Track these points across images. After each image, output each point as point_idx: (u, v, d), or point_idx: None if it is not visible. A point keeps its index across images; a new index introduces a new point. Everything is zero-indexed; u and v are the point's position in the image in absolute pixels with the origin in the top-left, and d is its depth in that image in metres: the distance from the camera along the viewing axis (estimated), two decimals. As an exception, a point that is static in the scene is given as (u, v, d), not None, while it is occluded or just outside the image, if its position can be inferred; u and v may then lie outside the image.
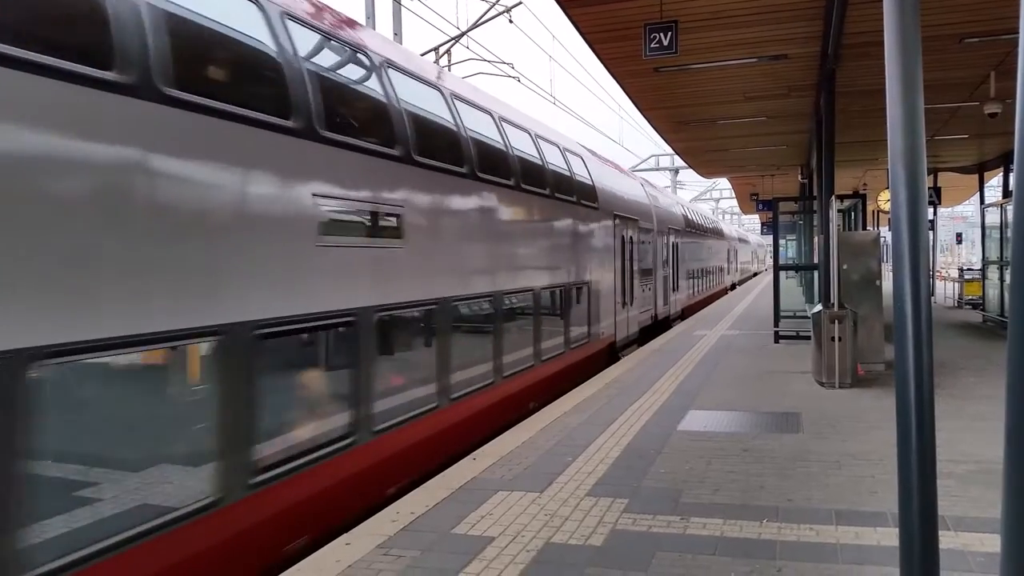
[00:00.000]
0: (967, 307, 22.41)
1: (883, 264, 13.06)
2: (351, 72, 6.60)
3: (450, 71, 13.13)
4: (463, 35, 14.54)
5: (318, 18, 6.14)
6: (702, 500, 5.56)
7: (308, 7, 6.05)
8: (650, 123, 16.31)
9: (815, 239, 14.45)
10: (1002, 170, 21.52)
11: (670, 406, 8.97)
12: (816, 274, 13.56)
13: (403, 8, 13.54)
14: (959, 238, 47.40)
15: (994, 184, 25.12)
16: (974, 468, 6.15)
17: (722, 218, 56.96)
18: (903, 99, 2.33)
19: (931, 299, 2.93)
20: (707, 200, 58.42)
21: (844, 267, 11.07)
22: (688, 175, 52.87)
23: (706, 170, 27.27)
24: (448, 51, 14.71)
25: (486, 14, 14.47)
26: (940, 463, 2.43)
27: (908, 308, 2.32)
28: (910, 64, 2.33)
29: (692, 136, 18.13)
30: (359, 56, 6.64)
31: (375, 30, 7.29)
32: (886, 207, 22.07)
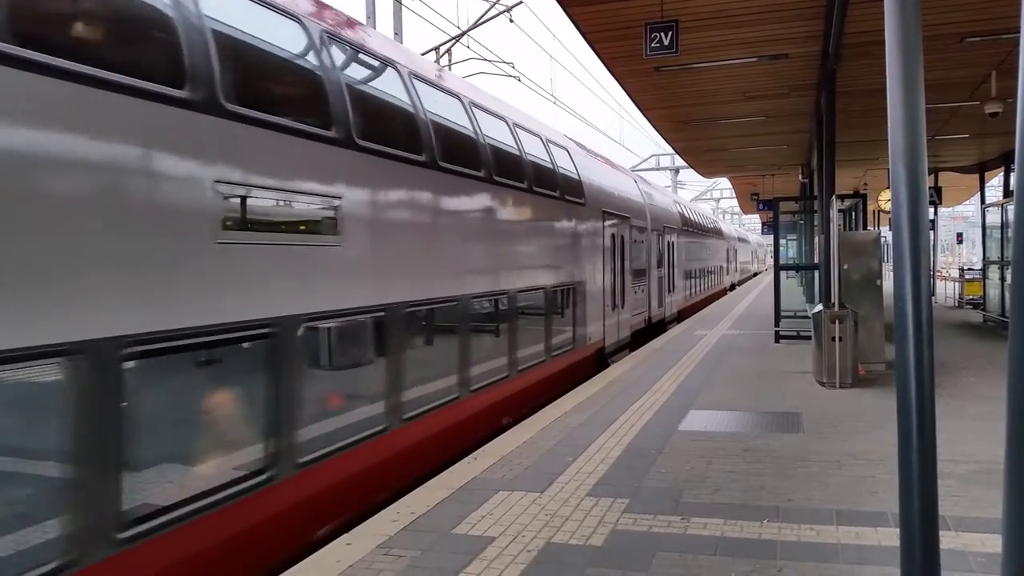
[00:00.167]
0: (968, 307, 22.40)
1: (884, 264, 13.07)
2: (268, 33, 5.55)
3: (451, 70, 13.12)
4: (463, 34, 14.54)
5: None
6: (703, 500, 5.55)
7: None
8: (651, 123, 16.31)
9: (816, 239, 14.44)
10: (1003, 170, 21.52)
11: (671, 406, 8.97)
12: (817, 274, 13.55)
13: (403, 8, 13.54)
14: (960, 238, 47.41)
15: (995, 184, 25.12)
16: (975, 468, 6.15)
17: (722, 218, 56.94)
18: (904, 98, 2.32)
19: (932, 299, 2.92)
20: (707, 200, 58.46)
21: (845, 267, 11.07)
22: (689, 175, 52.89)
23: (707, 170, 27.27)
24: (449, 51, 14.71)
25: (487, 13, 14.47)
26: (941, 463, 2.43)
27: (909, 308, 2.32)
28: (911, 63, 2.33)
29: (692, 135, 18.13)
30: (282, 17, 5.63)
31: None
32: (887, 207, 21.98)
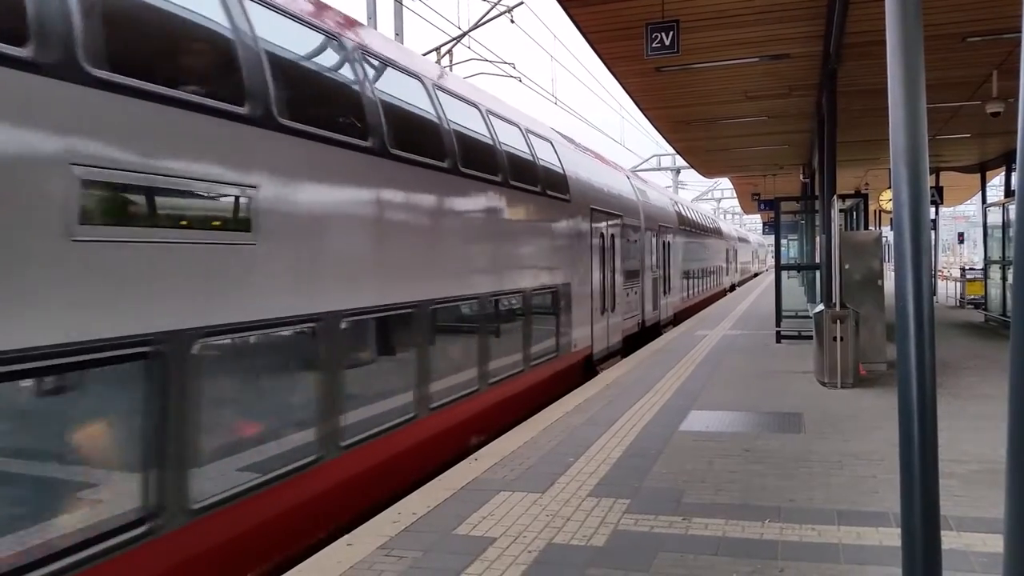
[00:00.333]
0: (969, 307, 22.39)
1: (885, 264, 13.07)
2: None
3: (452, 70, 13.14)
4: (464, 35, 14.55)
5: None
6: (704, 500, 5.55)
7: None
8: (651, 123, 16.31)
9: (817, 239, 14.44)
10: (1004, 169, 21.51)
11: (672, 406, 8.96)
12: (818, 274, 13.56)
13: (404, 8, 13.55)
14: (961, 238, 47.44)
15: (996, 183, 25.11)
16: (976, 468, 6.14)
17: (723, 218, 56.89)
18: (905, 98, 2.32)
19: (933, 299, 2.92)
20: (709, 200, 58.46)
21: (846, 267, 11.07)
22: (690, 175, 52.99)
23: (707, 170, 27.26)
24: (450, 51, 14.72)
25: (487, 14, 14.48)
26: (942, 463, 2.42)
27: (910, 308, 2.32)
28: (912, 63, 2.33)
29: (693, 136, 18.13)
30: None
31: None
32: (888, 207, 22.04)
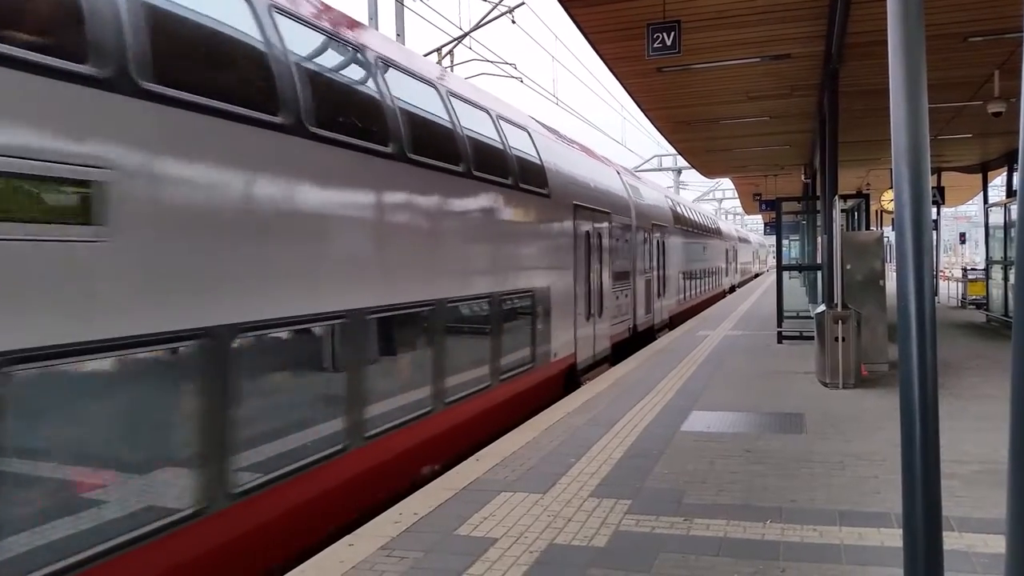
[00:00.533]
0: (971, 307, 22.38)
1: (886, 264, 13.07)
2: None
3: (453, 71, 13.14)
4: (466, 35, 14.55)
5: None
6: (705, 501, 5.55)
7: None
8: (652, 123, 16.31)
9: (818, 239, 14.43)
10: (1006, 169, 21.50)
11: (673, 407, 8.96)
12: (819, 274, 13.55)
13: (405, 9, 13.57)
14: (963, 238, 47.45)
15: (998, 184, 25.09)
16: (978, 468, 6.13)
17: (725, 218, 56.82)
18: (907, 98, 2.32)
19: (935, 299, 2.92)
20: (710, 200, 58.44)
21: (847, 267, 11.07)
22: (691, 175, 52.98)
23: (709, 170, 27.25)
24: (451, 52, 14.73)
25: (488, 14, 14.49)
26: (944, 463, 2.42)
27: (912, 308, 2.32)
28: (914, 63, 2.33)
29: (695, 136, 18.12)
30: None
31: None
32: (889, 207, 22.03)
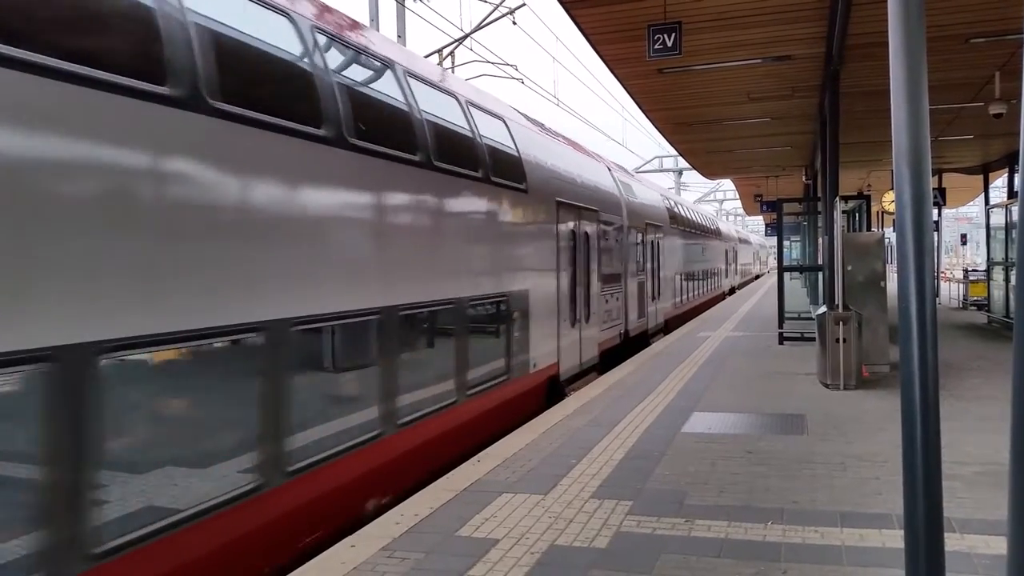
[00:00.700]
0: (972, 308, 22.37)
1: (887, 265, 13.07)
2: None
3: (454, 72, 13.14)
4: (467, 36, 14.56)
5: None
6: (707, 502, 5.55)
7: None
8: (653, 124, 16.31)
9: (819, 240, 14.43)
10: (1007, 171, 21.49)
11: (674, 408, 8.96)
12: (820, 275, 13.55)
13: (407, 10, 13.58)
14: (964, 239, 47.42)
15: (999, 185, 25.07)
16: (979, 469, 6.13)
17: (726, 219, 56.72)
18: (908, 100, 2.32)
19: (936, 300, 2.91)
20: (711, 201, 58.43)
21: (848, 268, 11.07)
22: (692, 176, 52.91)
23: (710, 171, 27.26)
24: (452, 53, 14.73)
25: (489, 16, 14.50)
26: (945, 464, 2.42)
27: (913, 309, 2.32)
28: (915, 65, 2.33)
29: (696, 137, 18.13)
30: None
31: None
32: (890, 208, 22.01)
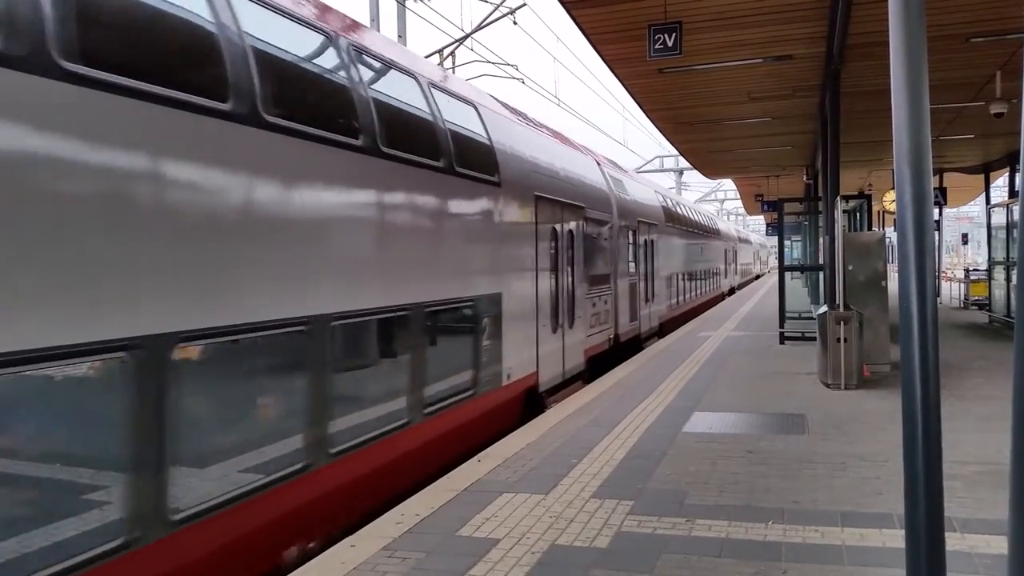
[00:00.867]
0: (973, 308, 22.35)
1: (888, 265, 13.06)
2: None
3: (455, 72, 13.13)
4: (467, 37, 14.56)
5: None
6: (707, 502, 5.54)
7: None
8: (654, 124, 16.31)
9: (820, 240, 14.42)
10: (1008, 170, 21.47)
11: (675, 408, 8.95)
12: (821, 275, 13.54)
13: (407, 10, 13.58)
14: (964, 238, 47.41)
15: (1000, 184, 25.06)
16: (981, 469, 6.13)
17: (727, 219, 56.62)
18: (908, 99, 2.32)
19: (937, 300, 2.91)
20: (712, 201, 58.41)
21: (849, 268, 11.06)
22: (693, 176, 52.93)
23: (710, 171, 27.25)
24: (452, 53, 14.73)
25: (490, 16, 14.50)
26: (946, 464, 2.42)
27: (914, 309, 2.32)
28: (915, 64, 2.33)
29: (696, 137, 18.12)
30: None
31: None
32: (891, 208, 22.01)
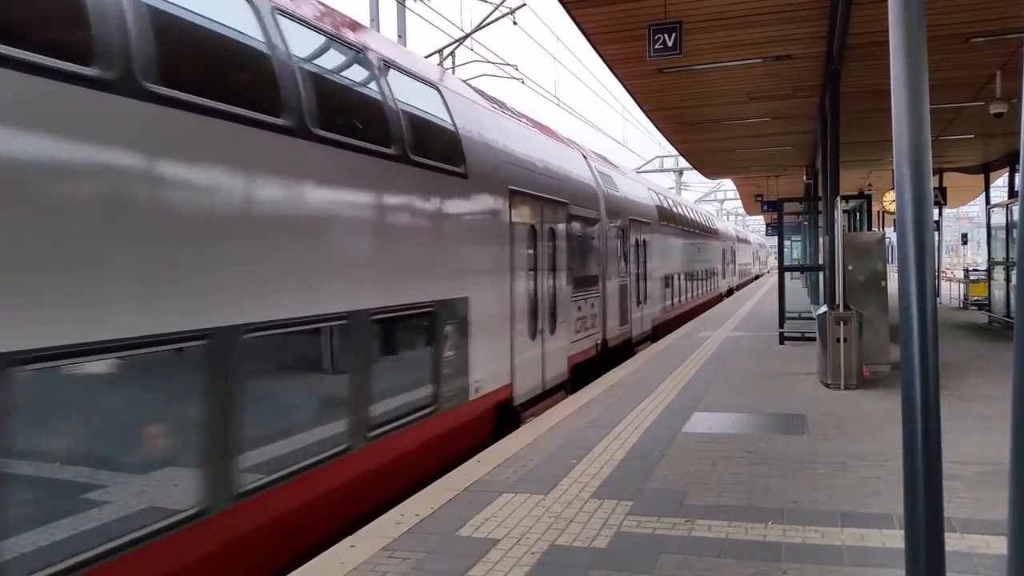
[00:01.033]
0: (973, 308, 22.35)
1: (888, 265, 13.06)
2: None
3: (454, 72, 13.13)
4: (467, 37, 14.55)
5: None
6: (707, 502, 5.54)
7: None
8: (654, 124, 16.32)
9: (820, 240, 14.43)
10: (1007, 170, 21.48)
11: (675, 408, 8.95)
12: (821, 275, 13.54)
13: (407, 10, 13.58)
14: (964, 239, 47.43)
15: (1000, 184, 25.07)
16: (980, 469, 6.13)
17: (726, 219, 56.56)
18: (908, 99, 2.32)
19: (936, 300, 2.90)
20: (712, 201, 58.38)
21: (849, 268, 11.06)
22: (693, 176, 52.89)
23: (710, 171, 27.25)
24: (452, 53, 14.73)
25: (490, 16, 14.49)
26: (946, 464, 2.42)
27: (914, 309, 2.31)
28: (915, 64, 2.33)
29: (696, 137, 18.13)
30: None
31: None
32: (891, 208, 22.01)
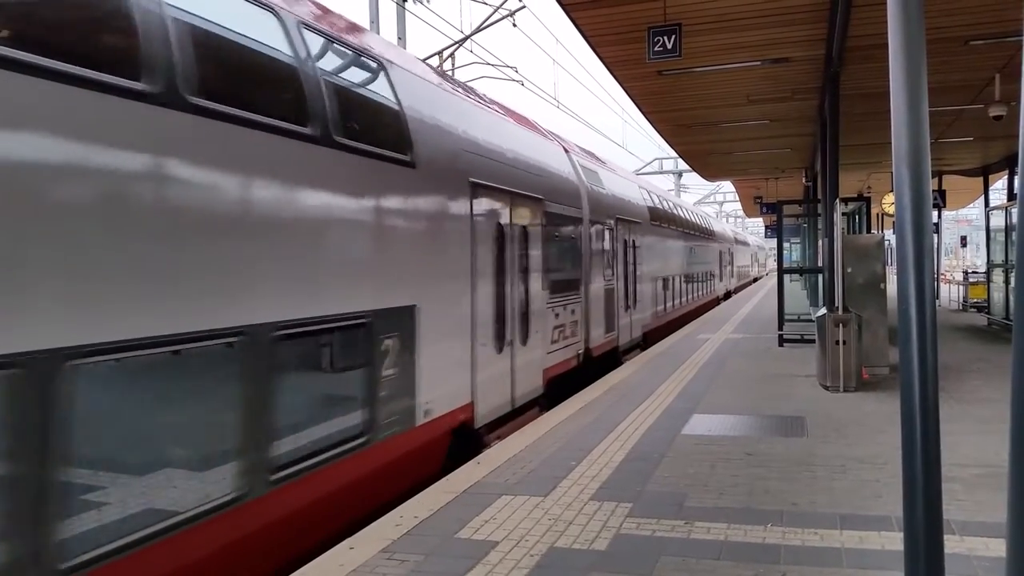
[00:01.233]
0: (972, 310, 22.37)
1: (887, 267, 13.07)
2: None
3: (454, 74, 13.14)
4: (467, 39, 14.56)
5: None
6: (706, 504, 5.54)
7: None
8: (653, 126, 16.32)
9: (819, 242, 14.43)
10: (1007, 173, 21.50)
11: (674, 410, 8.95)
12: (820, 277, 13.55)
13: (407, 12, 13.59)
14: (963, 241, 47.41)
15: (999, 187, 25.09)
16: (979, 472, 6.13)
17: (726, 221, 56.52)
18: (907, 102, 2.32)
19: (936, 302, 2.90)
20: (711, 203, 58.37)
21: (848, 270, 11.07)
22: (692, 178, 52.80)
23: (709, 173, 27.26)
24: (452, 55, 14.73)
25: (489, 18, 14.50)
26: (945, 467, 2.42)
27: (913, 311, 2.32)
28: (914, 67, 2.33)
29: (695, 139, 18.13)
30: None
31: None
32: (890, 210, 22.01)
